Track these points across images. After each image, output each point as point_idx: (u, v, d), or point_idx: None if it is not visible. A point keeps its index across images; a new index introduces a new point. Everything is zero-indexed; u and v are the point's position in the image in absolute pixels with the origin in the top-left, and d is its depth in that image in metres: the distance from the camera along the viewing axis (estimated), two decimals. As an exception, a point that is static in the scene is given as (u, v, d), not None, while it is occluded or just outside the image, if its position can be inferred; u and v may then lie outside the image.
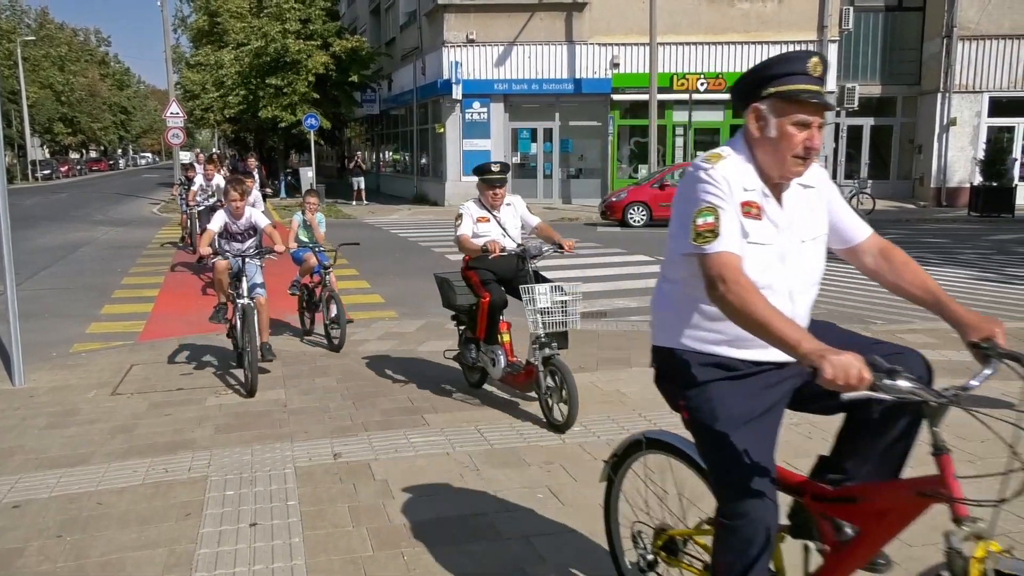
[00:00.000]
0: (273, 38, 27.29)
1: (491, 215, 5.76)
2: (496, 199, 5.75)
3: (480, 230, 5.68)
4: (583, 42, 24.63)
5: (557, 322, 5.37)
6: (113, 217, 24.49)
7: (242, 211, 6.92)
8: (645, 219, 20.08)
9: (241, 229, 7.02)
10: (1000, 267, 13.15)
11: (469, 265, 5.76)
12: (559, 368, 5.18)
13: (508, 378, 5.63)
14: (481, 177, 5.73)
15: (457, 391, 6.18)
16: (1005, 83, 24.81)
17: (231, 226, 6.98)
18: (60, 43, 63.26)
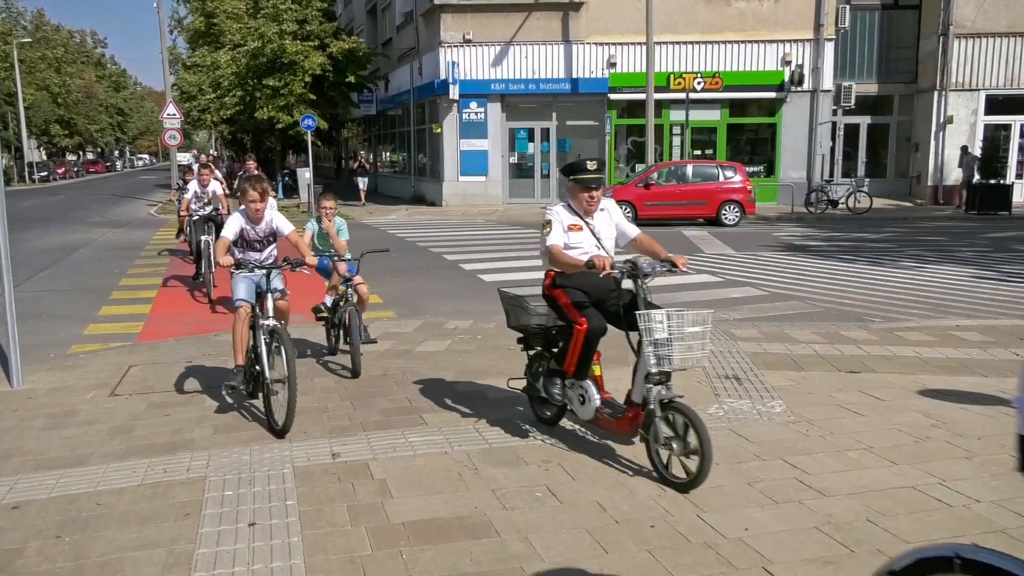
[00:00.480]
0: (270, 39, 27.25)
1: (584, 222, 4.81)
2: (591, 204, 4.79)
3: (572, 240, 4.75)
4: (580, 42, 24.63)
5: (685, 359, 4.31)
6: (111, 219, 24.47)
7: (262, 214, 5.82)
8: (630, 218, 19.94)
9: (260, 235, 5.92)
10: (997, 264, 13.18)
11: (556, 282, 4.81)
12: (685, 413, 4.25)
13: (603, 421, 4.74)
14: (573, 177, 4.81)
15: (455, 390, 6.19)
16: (1001, 81, 24.84)
17: (248, 232, 5.87)
18: (56, 45, 63.12)
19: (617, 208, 5.06)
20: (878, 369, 6.57)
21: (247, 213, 5.81)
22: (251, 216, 5.83)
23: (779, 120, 25.31)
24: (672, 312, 4.30)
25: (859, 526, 3.82)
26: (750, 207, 20.26)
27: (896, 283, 11.44)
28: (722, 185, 20.16)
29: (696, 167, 21.17)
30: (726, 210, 19.99)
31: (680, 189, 20.30)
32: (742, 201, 19.98)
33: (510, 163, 25.90)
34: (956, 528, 3.79)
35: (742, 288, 11.04)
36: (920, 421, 5.31)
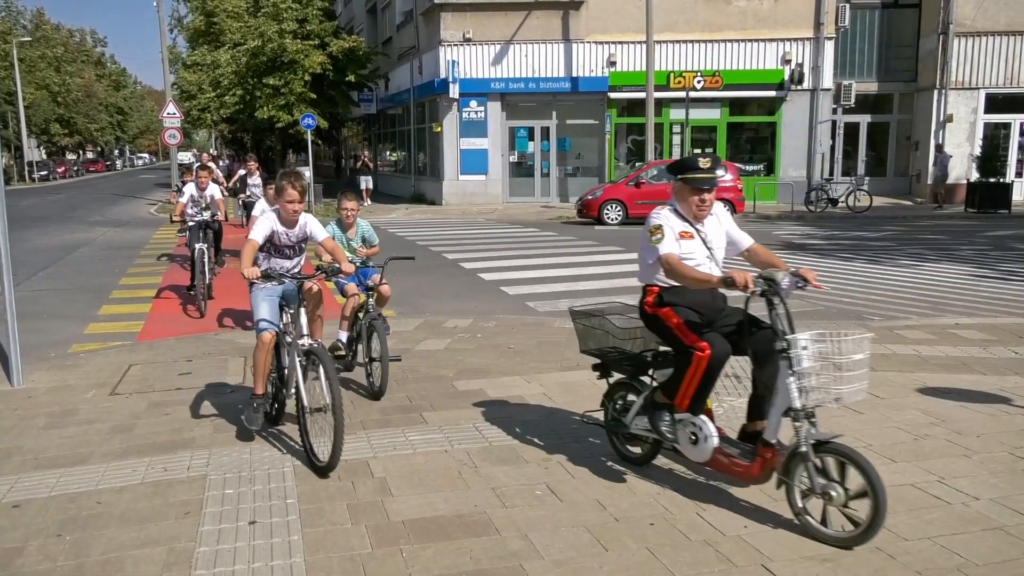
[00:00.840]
0: (270, 38, 27.26)
1: (694, 230, 4.18)
2: (703, 208, 4.14)
3: (684, 249, 4.11)
4: (580, 40, 24.63)
5: (841, 393, 3.63)
6: (110, 218, 24.47)
7: (298, 217, 5.08)
8: (621, 217, 20.07)
9: (292, 241, 5.17)
10: (997, 263, 13.18)
11: (663, 300, 4.16)
12: (841, 452, 3.57)
13: (723, 464, 4.02)
14: (682, 176, 4.17)
15: (455, 389, 6.19)
16: (1001, 79, 24.85)
17: (280, 236, 5.10)
18: (56, 44, 63.14)
19: (727, 213, 4.40)
20: (877, 367, 6.57)
21: (281, 214, 5.07)
22: (285, 218, 5.07)
23: (779, 119, 25.31)
24: (823, 336, 3.68)
25: (858, 524, 3.82)
26: (740, 206, 20.27)
27: (896, 281, 11.44)
28: None
29: None
30: None
31: (671, 188, 20.26)
32: (732, 200, 19.97)
33: (510, 162, 25.91)
34: (955, 526, 3.79)
35: (742, 287, 11.03)
36: (919, 419, 5.32)
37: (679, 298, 4.11)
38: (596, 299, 10.15)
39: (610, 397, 4.66)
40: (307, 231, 5.17)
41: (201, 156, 18.54)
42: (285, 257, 5.21)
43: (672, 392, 4.11)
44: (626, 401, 4.57)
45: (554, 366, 6.77)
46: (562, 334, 7.90)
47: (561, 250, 15.07)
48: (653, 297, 4.20)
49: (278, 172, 6.62)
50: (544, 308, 9.75)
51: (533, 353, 7.22)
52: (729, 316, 4.20)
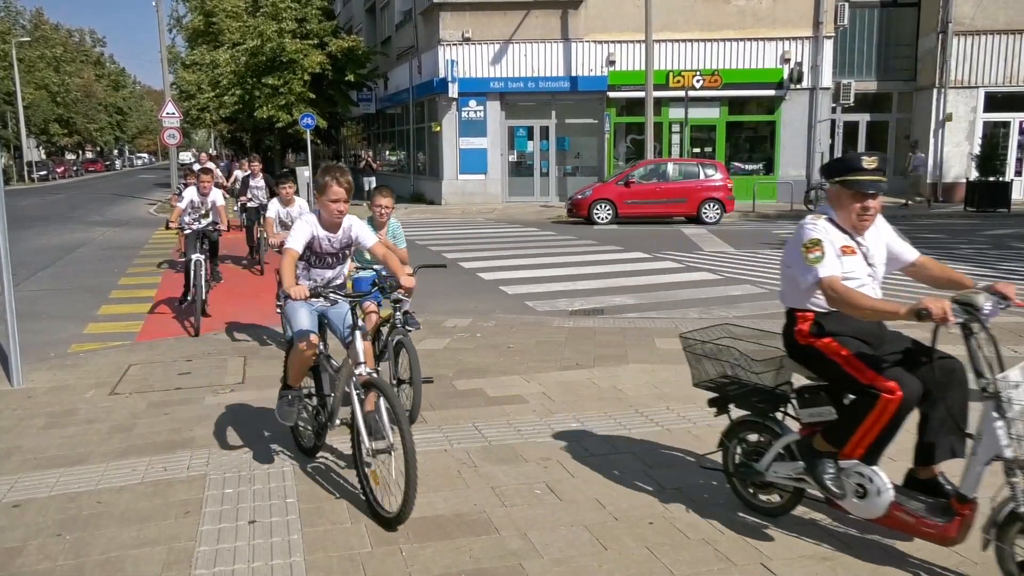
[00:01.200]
0: (269, 37, 27.26)
1: (855, 243, 3.53)
2: (866, 219, 3.49)
3: (845, 268, 3.45)
4: (579, 40, 24.63)
5: None
6: (110, 218, 24.47)
7: (342, 219, 4.40)
8: (610, 216, 20.09)
9: (336, 248, 4.49)
10: (996, 262, 13.19)
11: (823, 327, 3.51)
12: None
13: (903, 522, 3.37)
14: (842, 179, 3.49)
15: (454, 388, 6.19)
16: (1000, 78, 24.85)
17: (321, 243, 4.40)
18: (55, 44, 63.10)
19: (886, 223, 3.67)
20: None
21: (323, 216, 4.38)
22: (328, 221, 4.40)
23: (778, 118, 25.31)
24: None
25: (857, 522, 3.83)
26: (730, 205, 20.29)
27: (895, 280, 11.41)
28: (703, 183, 20.18)
29: (677, 165, 21.27)
30: (706, 208, 20.01)
31: (660, 187, 20.35)
32: (723, 199, 20.00)
33: (509, 161, 25.90)
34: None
35: (741, 286, 11.05)
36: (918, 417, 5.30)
37: (843, 326, 3.44)
38: (596, 299, 10.18)
39: (731, 437, 3.98)
40: (352, 235, 4.47)
41: (200, 156, 17.88)
42: (327, 266, 4.53)
43: (840, 438, 3.42)
44: (753, 443, 3.93)
45: (553, 365, 6.77)
46: (561, 333, 7.91)
47: (560, 250, 15.07)
48: (808, 325, 3.53)
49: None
50: (543, 308, 9.75)
51: (532, 352, 7.23)
52: (894, 343, 3.57)
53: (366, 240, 4.52)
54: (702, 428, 5.14)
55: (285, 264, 4.27)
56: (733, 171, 25.53)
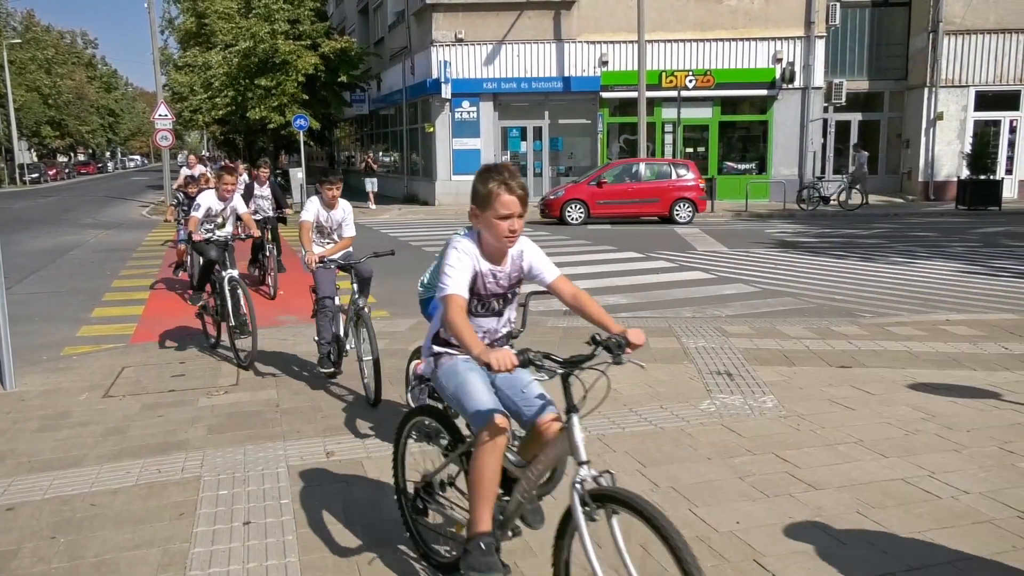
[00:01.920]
0: (261, 39, 27.22)
1: None
2: None
3: None
4: (572, 40, 24.67)
5: None
6: (102, 220, 24.40)
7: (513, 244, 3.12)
8: (583, 217, 20.16)
9: (503, 287, 3.22)
10: (987, 260, 13.26)
11: None
12: None
13: None
14: None
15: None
16: (991, 77, 24.97)
17: (486, 280, 3.15)
18: (47, 46, 62.90)
19: None
20: (869, 364, 6.62)
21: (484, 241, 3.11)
22: (493, 249, 3.11)
23: (771, 117, 25.39)
24: None
25: (849, 518, 3.86)
26: (702, 205, 20.38)
27: (887, 279, 11.50)
28: (675, 183, 20.25)
29: (649, 165, 21.35)
30: (679, 208, 20.08)
31: (632, 187, 20.42)
32: (695, 199, 20.07)
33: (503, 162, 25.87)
34: (945, 520, 3.83)
35: (734, 285, 11.09)
36: (910, 415, 5.35)
37: None
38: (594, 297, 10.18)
39: None
40: (525, 266, 3.29)
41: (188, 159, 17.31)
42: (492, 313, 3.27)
43: None
44: None
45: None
46: (555, 333, 7.93)
47: (554, 249, 15.08)
48: None
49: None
50: (538, 307, 9.73)
51: (526, 352, 7.22)
52: None
53: (546, 274, 3.30)
54: (695, 427, 5.16)
55: (460, 322, 2.87)
56: (726, 171, 25.67)
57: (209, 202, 7.64)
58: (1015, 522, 3.79)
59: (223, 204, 7.73)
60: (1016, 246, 14.98)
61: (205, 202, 7.63)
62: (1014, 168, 25.31)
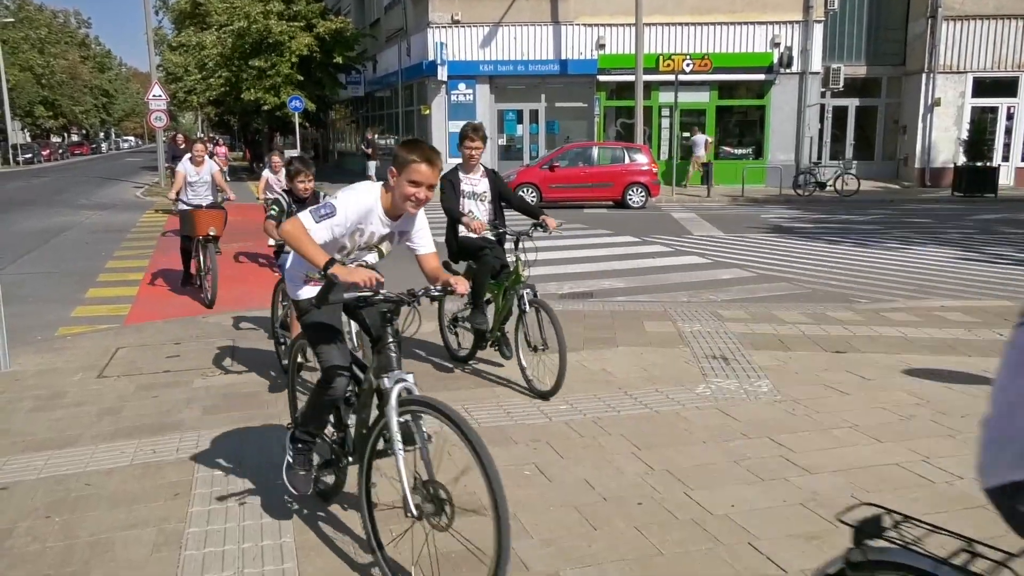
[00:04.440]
0: (255, 19, 27.01)
1: None
2: None
3: None
4: (569, 23, 24.53)
5: None
6: (96, 201, 24.28)
7: None
8: (535, 201, 20.08)
9: None
10: (983, 246, 13.28)
11: None
12: None
13: None
14: None
15: (445, 371, 6.20)
16: (989, 63, 24.91)
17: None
18: (40, 25, 62.37)
19: None
20: (864, 349, 6.63)
21: None
22: None
23: (768, 102, 25.32)
24: None
25: (844, 502, 3.87)
26: (655, 189, 20.28)
27: (882, 264, 11.51)
28: (628, 167, 20.18)
29: (602, 149, 21.33)
30: (631, 192, 20.04)
31: (585, 171, 20.37)
32: (648, 183, 19.99)
33: (499, 145, 25.82)
34: (938, 504, 3.84)
35: (730, 269, 11.09)
36: (905, 400, 5.37)
37: None
38: (586, 282, 10.19)
39: None
40: None
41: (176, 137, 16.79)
42: None
43: None
44: None
45: (543, 348, 6.78)
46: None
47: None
48: None
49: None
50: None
51: (522, 335, 7.22)
52: None
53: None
54: (690, 410, 5.17)
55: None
56: (722, 155, 25.62)
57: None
58: (1008, 506, 3.80)
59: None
60: (1012, 233, 15.00)
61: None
62: (1011, 155, 25.29)
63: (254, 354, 6.73)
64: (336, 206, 3.32)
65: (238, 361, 6.56)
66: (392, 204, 3.45)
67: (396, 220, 3.56)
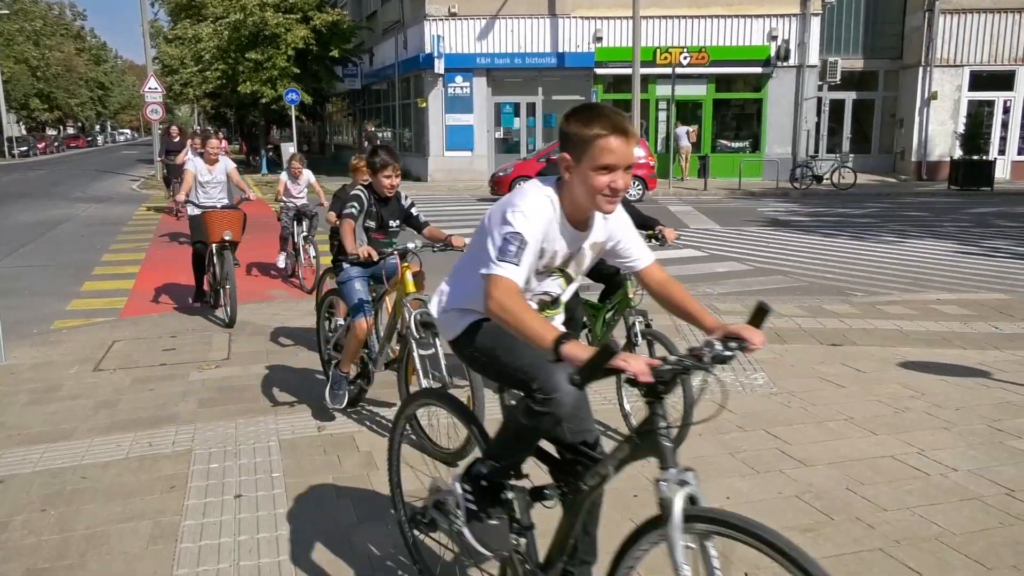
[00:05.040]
0: (251, 11, 26.90)
1: None
2: None
3: None
4: (566, 15, 24.47)
5: None
6: (92, 194, 24.21)
7: None
8: None
9: None
10: (978, 239, 13.29)
11: None
12: None
13: None
14: None
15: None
16: (985, 57, 24.90)
17: None
18: (35, 17, 62.08)
19: None
20: (859, 342, 6.64)
21: None
22: None
23: (765, 95, 25.30)
24: None
25: (839, 495, 3.88)
26: (652, 183, 20.24)
27: (878, 258, 11.52)
28: None
29: None
30: None
31: None
32: (644, 176, 19.95)
33: (496, 138, 25.79)
34: (933, 496, 3.85)
35: (726, 263, 11.09)
36: (900, 392, 5.38)
37: None
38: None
39: None
40: None
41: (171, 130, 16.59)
42: None
43: None
44: None
45: (539, 341, 6.79)
46: (547, 310, 7.92)
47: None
48: None
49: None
50: (530, 284, 9.74)
51: (518, 329, 7.23)
52: None
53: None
54: (687, 403, 5.18)
55: None
56: (719, 148, 25.61)
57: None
58: (1002, 499, 3.82)
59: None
60: (1007, 226, 15.02)
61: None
62: (1007, 149, 25.30)
63: (251, 347, 6.73)
64: (519, 228, 2.31)
65: (235, 354, 6.55)
66: (575, 206, 2.46)
67: (584, 230, 2.55)
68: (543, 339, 2.16)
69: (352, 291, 4.98)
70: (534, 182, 2.50)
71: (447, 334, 2.72)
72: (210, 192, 8.18)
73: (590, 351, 2.07)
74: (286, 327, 7.45)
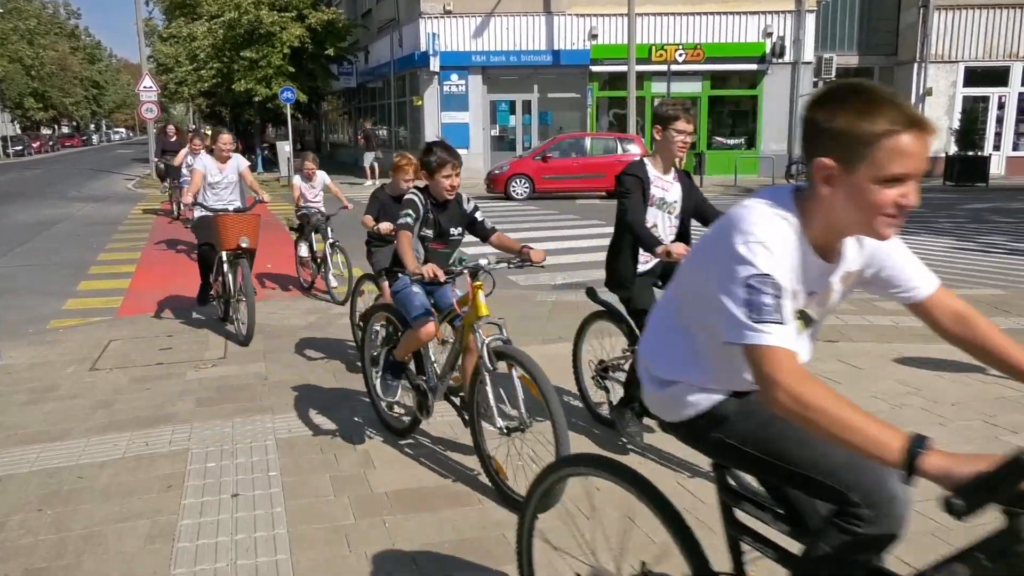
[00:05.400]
0: (246, 9, 26.85)
1: None
2: None
3: None
4: (561, 13, 24.46)
5: None
6: (88, 193, 24.16)
7: None
8: (528, 192, 20.26)
9: None
10: (975, 235, 13.32)
11: None
12: None
13: None
14: None
15: (437, 362, 6.20)
16: (980, 53, 24.96)
17: None
18: (28, 16, 61.92)
19: None
20: (855, 338, 6.65)
21: None
22: None
23: (760, 92, 25.32)
24: None
25: (835, 491, 3.89)
26: None
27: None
28: (620, 158, 20.08)
29: (595, 140, 21.47)
30: None
31: (578, 162, 20.47)
32: None
33: (492, 136, 25.78)
34: (929, 490, 3.84)
35: (723, 260, 11.09)
36: (896, 388, 5.39)
37: None
38: (580, 272, 10.18)
39: None
40: None
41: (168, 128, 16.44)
42: None
43: None
44: None
45: (536, 339, 6.79)
46: (544, 307, 7.93)
47: (542, 223, 15.07)
48: None
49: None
50: (526, 282, 9.76)
51: (515, 326, 7.22)
52: None
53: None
54: (683, 400, 5.18)
55: None
56: (715, 145, 25.61)
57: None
58: (998, 493, 3.82)
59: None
60: (1003, 222, 15.05)
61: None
62: (1002, 144, 25.38)
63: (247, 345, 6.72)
64: (765, 269, 1.71)
65: (231, 353, 6.55)
66: (830, 231, 1.83)
67: (834, 261, 1.92)
68: (882, 447, 1.60)
69: (412, 299, 4.28)
70: (760, 199, 1.83)
71: (667, 414, 2.15)
72: (220, 194, 7.50)
73: (978, 461, 1.49)
74: (283, 326, 7.44)
